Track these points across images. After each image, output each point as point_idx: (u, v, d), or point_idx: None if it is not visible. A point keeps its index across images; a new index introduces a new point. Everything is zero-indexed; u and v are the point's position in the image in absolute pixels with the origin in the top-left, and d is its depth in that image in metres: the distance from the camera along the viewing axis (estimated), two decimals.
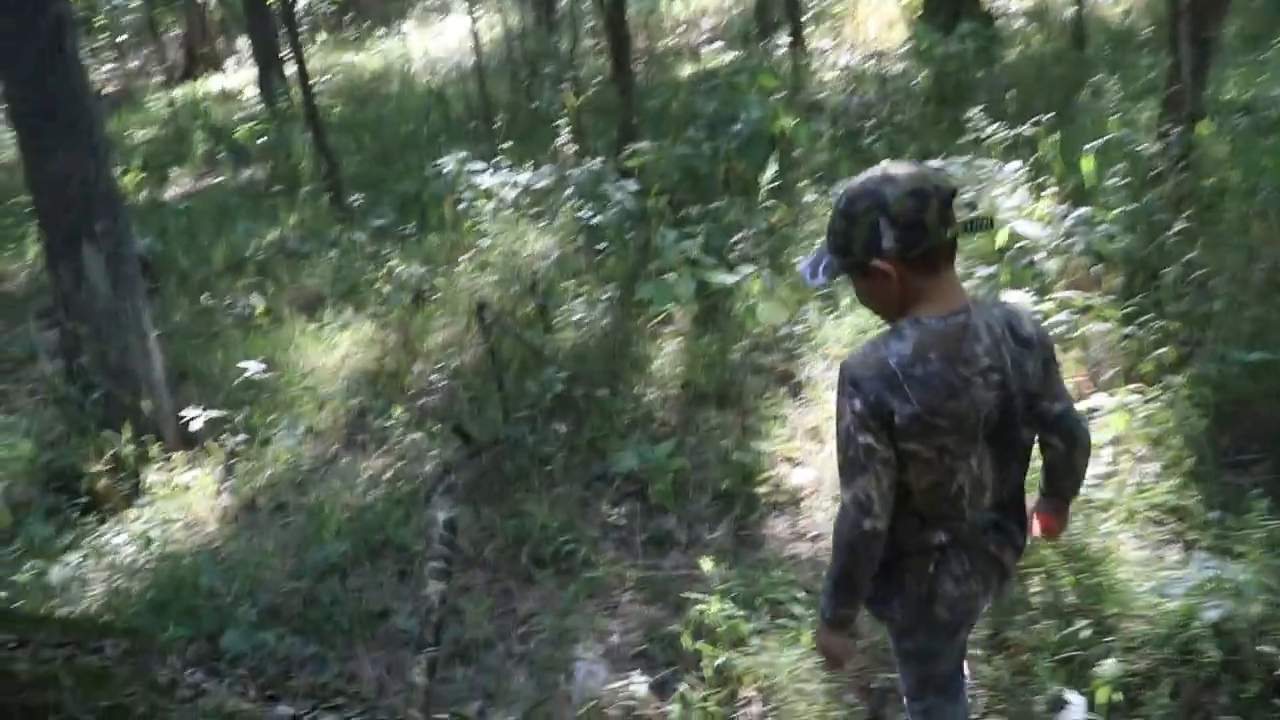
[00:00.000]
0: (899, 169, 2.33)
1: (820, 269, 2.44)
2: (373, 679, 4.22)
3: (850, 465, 2.33)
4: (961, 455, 2.35)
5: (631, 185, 7.53)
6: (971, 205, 6.17)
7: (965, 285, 5.37)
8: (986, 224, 2.53)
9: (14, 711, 2.61)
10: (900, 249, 2.27)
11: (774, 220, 7.09)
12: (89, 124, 5.79)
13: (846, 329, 5.91)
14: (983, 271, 5.71)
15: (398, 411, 6.14)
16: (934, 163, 6.75)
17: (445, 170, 8.26)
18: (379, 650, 4.42)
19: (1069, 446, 2.59)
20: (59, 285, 5.85)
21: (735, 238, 6.93)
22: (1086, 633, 3.66)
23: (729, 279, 5.74)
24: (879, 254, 2.29)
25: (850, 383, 2.32)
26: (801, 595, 4.14)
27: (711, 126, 8.50)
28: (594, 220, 7.49)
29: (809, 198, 7.46)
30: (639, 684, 3.85)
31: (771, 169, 7.05)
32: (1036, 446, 2.60)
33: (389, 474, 5.71)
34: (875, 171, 2.35)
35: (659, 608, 4.42)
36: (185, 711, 2.45)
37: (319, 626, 4.53)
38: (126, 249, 5.96)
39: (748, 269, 5.90)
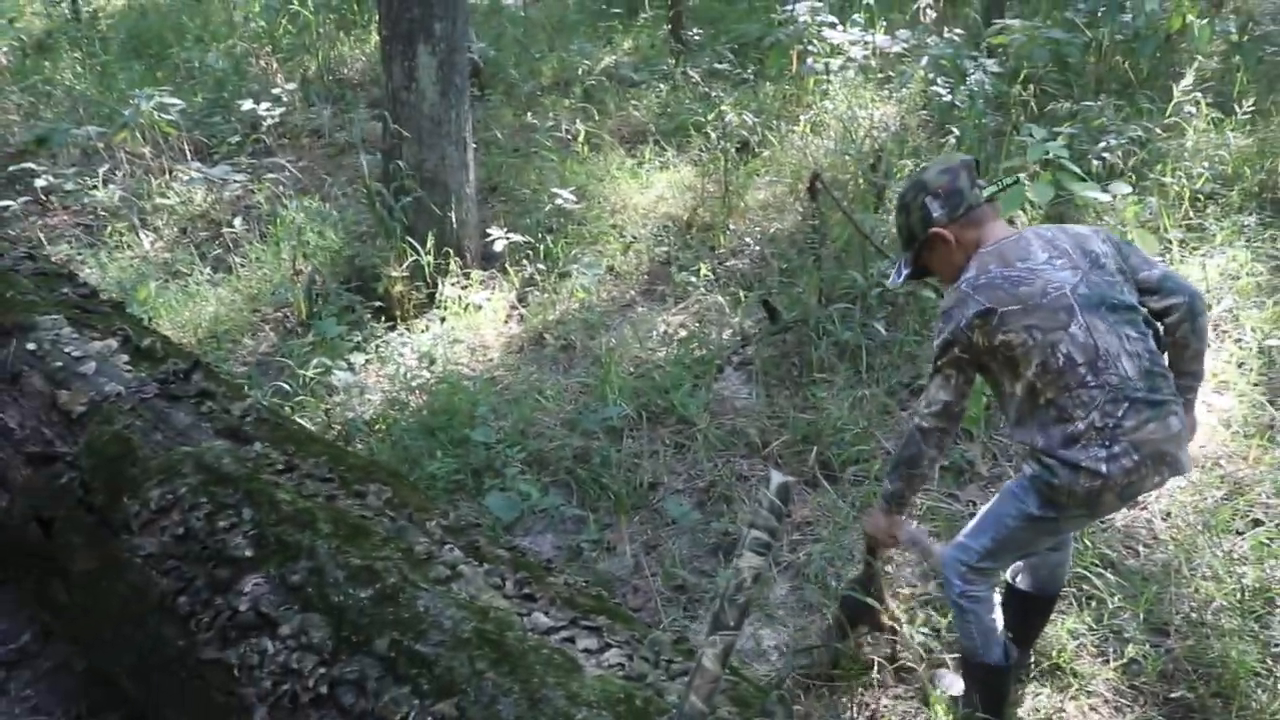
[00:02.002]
0: (929, 164, 2.98)
1: (900, 269, 3.03)
2: (630, 555, 4.01)
3: (929, 379, 2.81)
4: (1053, 328, 2.60)
5: (994, 66, 6.81)
6: None
7: None
8: (1015, 181, 3.18)
9: (270, 541, 2.48)
10: (948, 214, 2.84)
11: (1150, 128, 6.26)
12: None
13: (1213, 271, 5.18)
14: None
15: (704, 269, 5.82)
16: None
17: (796, 17, 7.70)
18: (641, 524, 4.19)
19: (1183, 301, 2.73)
20: (390, 82, 5.73)
21: (1101, 145, 6.18)
22: None
23: (1100, 195, 5.03)
24: (934, 224, 2.85)
25: (941, 320, 2.75)
26: (1109, 575, 3.62)
27: (1094, 11, 7.58)
28: (947, 98, 6.83)
29: (1192, 109, 6.56)
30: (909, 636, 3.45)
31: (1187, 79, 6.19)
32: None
33: (683, 334, 5.42)
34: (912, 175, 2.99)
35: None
36: (436, 595, 2.23)
37: (585, 486, 4.34)
38: (460, 55, 5.77)
39: (1124, 188, 5.17)
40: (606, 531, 4.14)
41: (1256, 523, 3.85)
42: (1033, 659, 3.36)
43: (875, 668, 3.35)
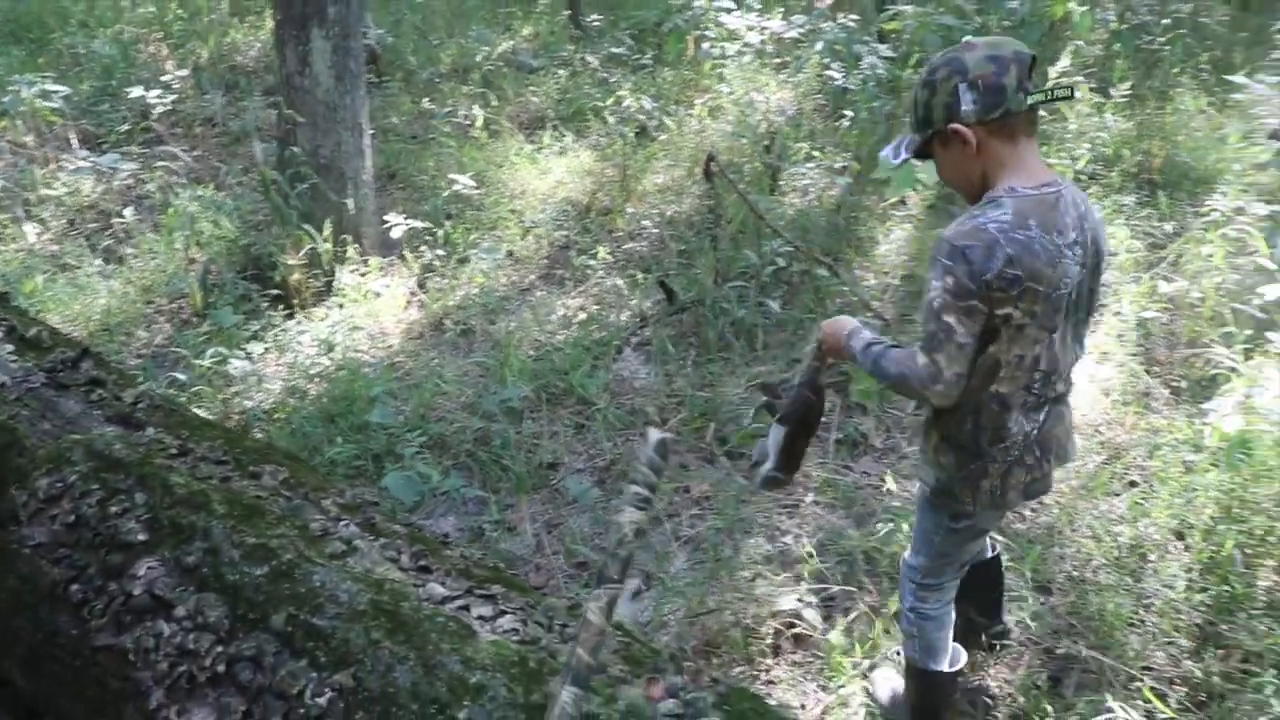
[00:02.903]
0: (979, 39, 2.41)
1: (902, 148, 2.51)
2: (531, 535, 4.05)
3: (930, 338, 2.34)
4: (1047, 327, 2.37)
5: (887, 51, 6.95)
6: (1274, 135, 5.46)
7: (1241, 222, 4.86)
8: (1068, 93, 2.40)
9: (164, 525, 2.47)
10: (979, 111, 2.32)
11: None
12: None
13: None
14: (1264, 210, 5.05)
15: (602, 252, 5.87)
16: (1235, 78, 6.00)
17: (693, 3, 7.77)
18: (542, 504, 4.23)
19: None
20: (283, 68, 5.68)
21: None
22: None
23: None
24: (958, 118, 2.34)
25: (948, 255, 2.30)
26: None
27: None
28: (841, 82, 6.95)
29: (1076, 94, 6.76)
30: (807, 605, 3.55)
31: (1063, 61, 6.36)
32: None
33: (582, 316, 5.47)
34: (957, 45, 2.43)
35: (840, 515, 4.09)
36: (332, 569, 2.25)
37: (486, 468, 4.37)
38: (355, 40, 5.74)
39: None
40: (508, 512, 4.18)
41: (1132, 484, 4.02)
42: None
43: (775, 635, 3.46)
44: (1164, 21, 7.83)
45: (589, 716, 1.85)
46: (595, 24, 9.30)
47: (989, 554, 3.12)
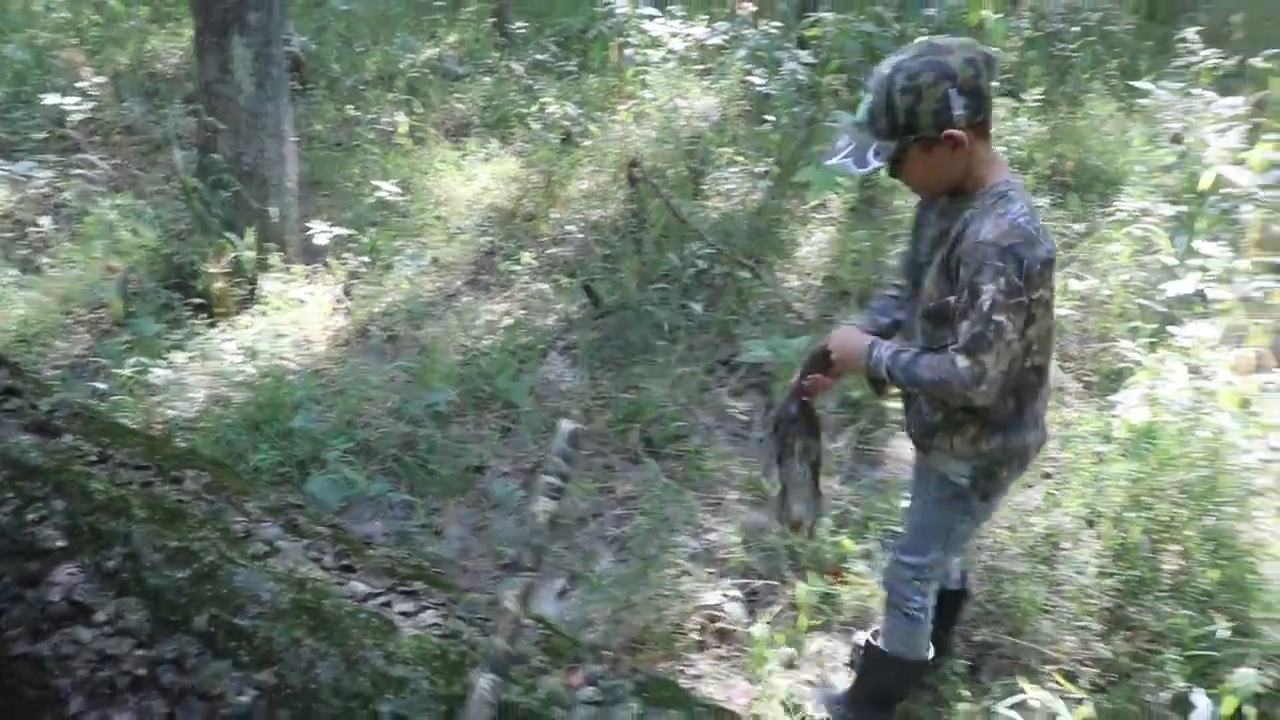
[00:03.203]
0: (941, 40, 2.42)
1: (871, 155, 2.42)
2: (457, 539, 4.07)
3: (976, 339, 2.35)
4: (1054, 289, 2.50)
5: (808, 57, 7.06)
6: (1177, 138, 5.64)
7: (1147, 222, 5.02)
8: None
9: (83, 531, 2.47)
10: (969, 115, 2.35)
11: None
12: None
13: None
14: (1169, 210, 5.22)
15: (527, 257, 5.90)
16: (1140, 84, 6.19)
17: (616, 11, 7.83)
18: (469, 508, 4.26)
19: None
20: (204, 75, 5.64)
21: None
22: (1225, 632, 3.32)
23: None
24: (951, 123, 2.34)
25: (998, 257, 2.32)
26: None
27: (901, 6, 7.96)
28: (763, 88, 7.05)
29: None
30: (730, 599, 3.61)
31: None
32: None
33: (508, 321, 5.49)
34: (919, 46, 2.41)
35: (765, 512, 4.15)
36: (254, 570, 2.27)
37: (412, 473, 4.38)
38: (277, 47, 5.71)
39: None
40: (434, 516, 4.20)
41: (1046, 475, 4.13)
42: None
43: (701, 629, 3.52)
44: (1074, 29, 8.04)
45: (508, 705, 1.89)
46: (520, 31, 9.32)
47: (963, 585, 3.26)
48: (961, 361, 2.37)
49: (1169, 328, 4.43)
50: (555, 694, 1.96)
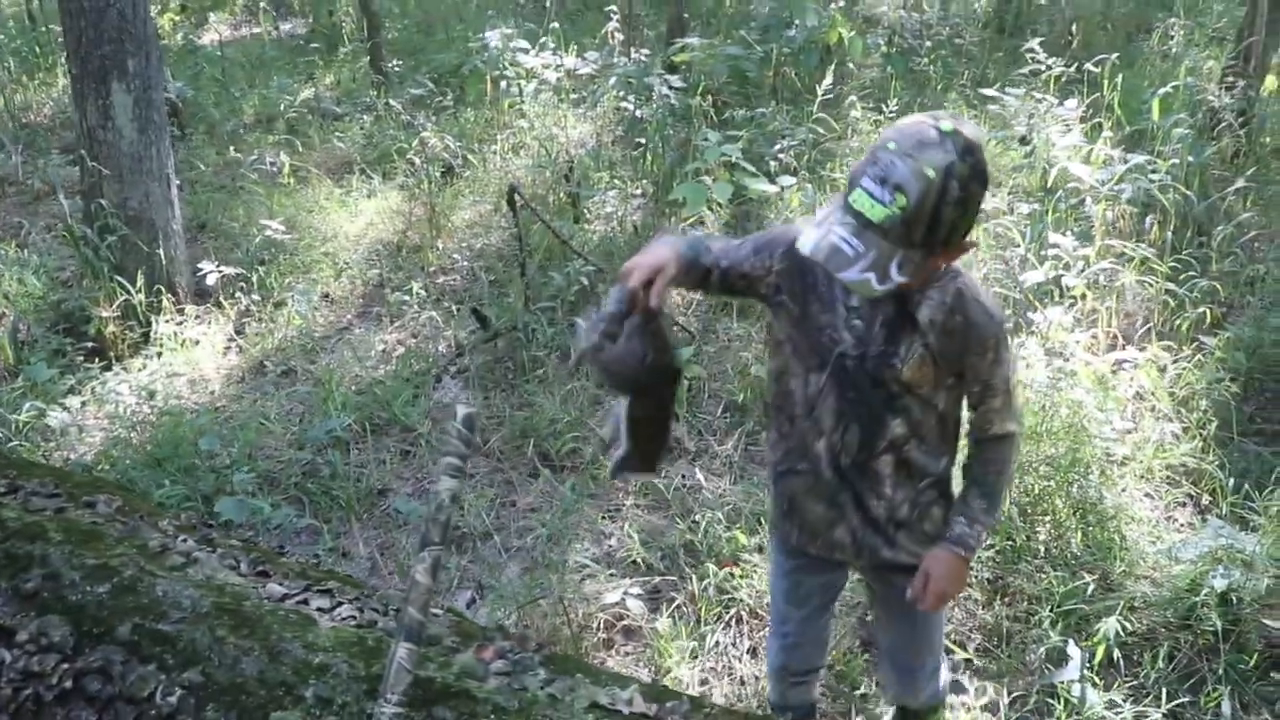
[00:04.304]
0: (970, 130, 2.06)
1: (894, 269, 2.04)
2: (365, 558, 4.19)
3: (1013, 406, 2.35)
4: None
5: (677, 81, 7.33)
6: (1024, 140, 6.00)
7: (1007, 221, 5.34)
8: None
9: None
10: None
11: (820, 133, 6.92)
12: None
13: None
14: (1026, 208, 5.57)
15: (416, 287, 6.03)
16: (989, 91, 6.57)
17: (489, 45, 8.03)
18: (374, 529, 4.37)
19: None
20: (84, 122, 5.69)
21: (776, 147, 6.77)
22: (1091, 588, 3.62)
23: (769, 188, 5.56)
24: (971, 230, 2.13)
25: (1001, 325, 2.28)
26: None
27: (765, 29, 8.31)
28: (636, 113, 7.30)
29: (855, 114, 7.28)
30: (632, 597, 3.78)
31: (828, 80, 6.84)
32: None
33: (401, 350, 5.63)
34: (959, 142, 2.01)
35: (660, 515, 4.34)
36: (173, 580, 2.38)
37: (316, 499, 4.48)
38: (157, 92, 5.79)
39: (789, 180, 5.72)
40: (341, 539, 4.30)
41: None
42: None
43: (606, 628, 3.69)
44: (928, 44, 8.45)
45: (425, 680, 2.04)
46: (396, 69, 9.47)
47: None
48: (1013, 427, 2.36)
49: (1027, 314, 4.74)
50: (468, 667, 2.12)
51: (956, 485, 2.47)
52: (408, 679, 1.82)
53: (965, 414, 2.42)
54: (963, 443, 2.45)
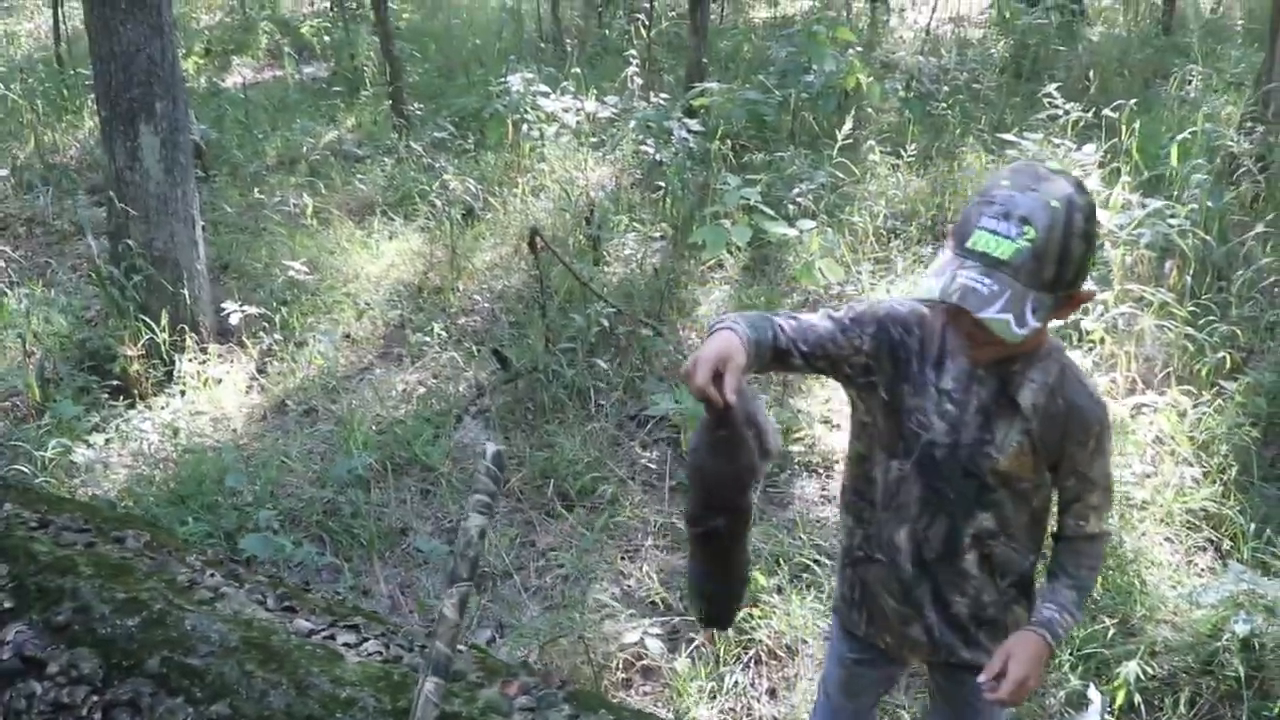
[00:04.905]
0: (1065, 173, 1.96)
1: (1029, 313, 1.86)
2: (386, 596, 4.21)
3: (1111, 495, 2.22)
4: None
5: (696, 125, 7.40)
6: None
7: None
8: None
9: (30, 591, 2.59)
10: None
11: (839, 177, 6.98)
12: (158, 1, 5.68)
13: (899, 293, 5.81)
14: None
15: (437, 328, 6.08)
16: (1007, 136, 6.62)
17: (510, 89, 8.13)
18: (395, 568, 4.40)
19: None
20: (112, 163, 5.78)
21: (795, 190, 6.83)
22: (1111, 632, 3.63)
23: (789, 231, 5.61)
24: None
25: (1103, 418, 2.13)
26: (825, 560, 4.08)
27: (783, 74, 8.38)
28: (655, 157, 7.37)
29: (873, 158, 7.35)
30: (651, 636, 3.79)
31: (848, 125, 6.91)
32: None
33: (422, 390, 5.66)
34: (1068, 180, 1.92)
35: (679, 556, 4.36)
36: (202, 614, 2.41)
37: (337, 537, 4.51)
38: (183, 134, 5.88)
39: (809, 224, 5.77)
40: (362, 577, 4.33)
41: None
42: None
43: (625, 668, 3.70)
44: (945, 89, 8.52)
45: (451, 715, 2.07)
46: (418, 113, 9.56)
47: None
48: (1105, 526, 2.24)
49: None
50: (493, 702, 2.14)
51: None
52: (435, 713, 1.84)
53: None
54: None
